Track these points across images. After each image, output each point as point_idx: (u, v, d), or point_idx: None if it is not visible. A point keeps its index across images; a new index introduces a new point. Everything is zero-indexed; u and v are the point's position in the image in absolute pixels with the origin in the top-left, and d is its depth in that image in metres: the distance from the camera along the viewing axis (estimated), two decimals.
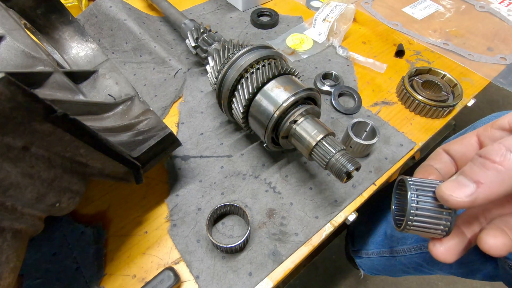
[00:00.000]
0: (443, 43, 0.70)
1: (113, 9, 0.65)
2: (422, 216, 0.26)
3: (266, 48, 0.46)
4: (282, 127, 0.41)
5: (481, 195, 0.22)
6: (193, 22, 0.61)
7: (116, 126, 0.40)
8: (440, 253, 0.27)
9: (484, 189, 0.22)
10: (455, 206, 0.24)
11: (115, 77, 0.47)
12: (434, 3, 0.81)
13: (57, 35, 0.51)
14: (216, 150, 0.51)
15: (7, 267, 0.25)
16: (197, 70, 0.62)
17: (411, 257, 0.62)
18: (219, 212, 0.42)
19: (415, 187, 0.27)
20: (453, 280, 1.15)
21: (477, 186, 0.22)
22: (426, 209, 0.26)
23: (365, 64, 0.65)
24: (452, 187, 0.23)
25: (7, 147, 0.23)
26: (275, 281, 0.39)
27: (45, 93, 0.39)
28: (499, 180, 0.21)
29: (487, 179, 0.22)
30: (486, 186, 0.22)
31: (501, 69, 0.64)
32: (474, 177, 0.22)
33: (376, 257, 0.73)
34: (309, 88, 0.41)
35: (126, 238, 0.42)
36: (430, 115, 0.56)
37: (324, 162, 0.37)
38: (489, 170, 0.22)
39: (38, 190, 0.26)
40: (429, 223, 0.26)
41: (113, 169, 0.34)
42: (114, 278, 0.39)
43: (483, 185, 0.22)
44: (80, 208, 0.44)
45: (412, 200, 0.26)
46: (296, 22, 0.75)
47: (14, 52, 0.39)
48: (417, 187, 0.27)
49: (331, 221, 0.44)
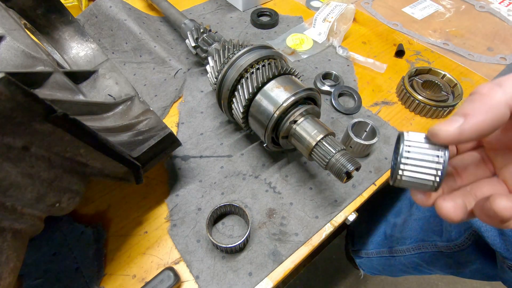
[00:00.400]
0: (443, 43, 0.70)
1: (113, 9, 0.65)
2: (413, 161, 0.26)
3: (266, 48, 0.46)
4: (282, 127, 0.41)
5: (467, 126, 0.22)
6: (193, 22, 0.61)
7: (116, 126, 0.40)
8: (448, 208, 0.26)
9: (470, 119, 0.22)
10: (444, 139, 0.24)
11: (115, 77, 0.47)
12: (434, 3, 0.81)
13: (57, 35, 0.51)
14: (216, 150, 0.51)
15: (7, 267, 0.25)
16: (197, 70, 0.62)
17: (411, 257, 0.62)
18: (219, 212, 0.42)
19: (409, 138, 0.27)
20: (453, 280, 1.15)
21: (465, 118, 0.22)
22: (418, 154, 0.26)
23: (365, 64, 0.65)
24: (443, 123, 0.24)
25: (7, 147, 0.23)
26: (275, 281, 0.39)
27: (45, 93, 0.39)
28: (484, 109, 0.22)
29: (474, 110, 0.22)
30: (473, 116, 0.22)
31: (501, 69, 0.64)
32: (462, 111, 0.23)
33: (376, 257, 0.73)
34: (309, 88, 0.41)
35: (126, 238, 0.42)
36: (430, 115, 0.56)
37: (324, 162, 0.37)
38: (476, 102, 0.22)
39: (38, 190, 0.26)
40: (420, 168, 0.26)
41: (113, 169, 0.34)
42: (114, 278, 0.39)
43: (470, 115, 0.22)
44: (80, 208, 0.44)
45: (404, 147, 0.26)
46: (296, 22, 0.75)
47: (14, 52, 0.39)
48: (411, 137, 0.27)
49: (331, 221, 0.44)
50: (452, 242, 0.52)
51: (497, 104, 0.21)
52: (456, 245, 0.52)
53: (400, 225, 0.64)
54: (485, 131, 0.22)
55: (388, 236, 0.68)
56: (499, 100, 0.21)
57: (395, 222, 0.66)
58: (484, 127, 0.22)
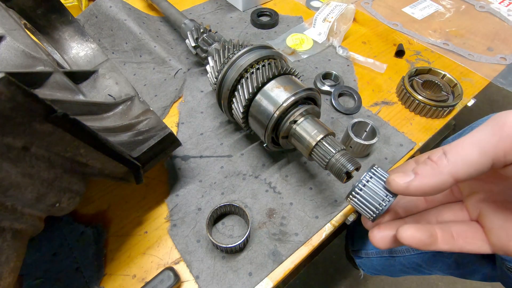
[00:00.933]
0: (443, 43, 0.70)
1: (113, 9, 0.65)
2: (365, 193, 0.31)
3: (266, 48, 0.46)
4: (282, 127, 0.41)
5: (414, 183, 0.26)
6: (193, 22, 0.61)
7: (116, 126, 0.40)
8: (376, 238, 0.31)
9: (418, 179, 0.26)
10: (393, 189, 0.28)
11: (115, 77, 0.47)
12: (434, 3, 0.81)
13: (57, 35, 0.51)
14: (216, 150, 0.51)
15: (7, 267, 0.25)
16: (197, 70, 0.62)
17: (410, 258, 0.62)
18: (219, 212, 0.42)
19: (373, 172, 0.31)
20: (453, 280, 1.15)
21: (415, 177, 0.26)
22: (371, 189, 0.31)
23: (365, 64, 0.65)
24: (399, 175, 0.28)
25: (7, 147, 0.23)
26: (275, 281, 0.39)
27: (45, 93, 0.39)
28: (430, 174, 0.25)
29: (422, 172, 0.26)
30: (420, 177, 0.26)
31: (501, 69, 0.64)
32: (415, 170, 0.27)
33: (376, 257, 0.73)
34: (309, 88, 0.41)
35: (126, 238, 0.42)
36: (430, 115, 0.56)
37: (324, 162, 0.37)
38: (427, 165, 0.26)
39: (38, 190, 0.26)
40: (367, 201, 0.31)
41: (113, 169, 0.34)
42: (114, 278, 0.39)
43: (418, 175, 0.26)
44: (80, 208, 0.44)
45: (363, 178, 0.31)
46: (296, 22, 0.75)
47: (14, 52, 0.39)
48: (375, 172, 0.31)
49: (331, 221, 0.44)
50: None
51: (439, 173, 0.25)
52: None
53: None
54: (427, 192, 0.26)
55: None
56: (442, 170, 0.25)
57: None
58: (427, 189, 0.26)
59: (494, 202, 0.29)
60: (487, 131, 0.24)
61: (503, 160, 0.23)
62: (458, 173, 0.24)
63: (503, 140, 0.23)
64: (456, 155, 0.25)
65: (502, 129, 0.23)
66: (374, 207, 0.30)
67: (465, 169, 0.24)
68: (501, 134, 0.23)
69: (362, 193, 0.31)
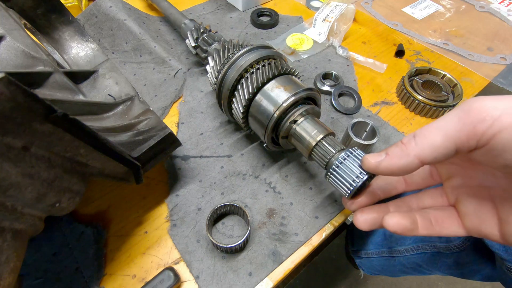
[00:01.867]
0: (443, 43, 0.70)
1: (113, 9, 0.65)
2: (341, 170, 0.33)
3: (266, 48, 0.46)
4: (282, 127, 0.41)
5: (383, 163, 0.28)
6: (193, 22, 0.61)
7: (116, 126, 0.40)
8: (360, 221, 0.33)
9: (387, 159, 0.28)
10: (366, 167, 0.31)
11: (115, 77, 0.47)
12: (434, 3, 0.81)
13: (57, 35, 0.51)
14: (216, 150, 0.51)
15: (7, 267, 0.25)
16: (197, 70, 0.62)
17: (410, 258, 0.62)
18: (219, 212, 0.42)
19: (350, 151, 0.34)
20: (453, 280, 1.16)
21: (385, 157, 0.28)
22: (347, 167, 0.33)
23: (365, 64, 0.65)
24: (372, 154, 0.30)
25: (7, 147, 0.23)
26: (275, 281, 0.39)
27: (45, 93, 0.39)
28: (399, 155, 0.27)
29: (392, 153, 0.28)
30: (389, 157, 0.28)
31: (501, 69, 0.64)
32: (387, 151, 0.28)
33: (375, 257, 0.73)
34: (309, 88, 0.41)
35: (126, 238, 0.42)
36: (430, 115, 0.56)
37: (324, 162, 0.37)
38: (397, 147, 0.27)
39: (38, 190, 0.26)
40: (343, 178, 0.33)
41: (113, 169, 0.34)
42: (114, 278, 0.39)
43: (388, 156, 0.28)
44: (80, 208, 0.44)
45: (341, 157, 0.34)
46: (296, 22, 0.75)
47: (14, 52, 0.39)
48: (352, 152, 0.34)
49: (331, 221, 0.44)
50: (451, 243, 0.52)
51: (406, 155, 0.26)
52: (455, 246, 0.52)
53: None
54: (395, 172, 0.28)
55: (387, 236, 0.67)
56: (409, 153, 0.26)
57: None
58: (394, 169, 0.28)
59: (470, 187, 0.30)
60: (453, 117, 0.25)
61: (467, 145, 0.24)
62: (423, 156, 0.26)
63: (467, 125, 0.23)
64: (423, 138, 0.26)
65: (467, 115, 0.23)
66: (348, 183, 0.33)
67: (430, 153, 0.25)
68: (465, 120, 0.23)
69: (338, 170, 0.34)
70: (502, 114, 0.22)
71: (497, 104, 0.22)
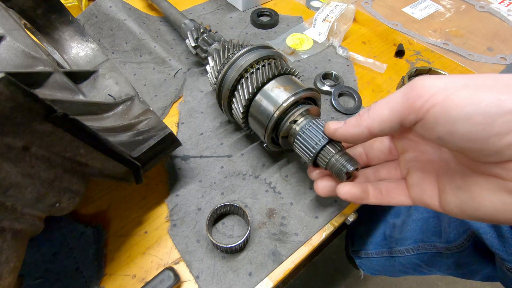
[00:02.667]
0: (443, 43, 0.70)
1: (113, 9, 0.65)
2: (305, 135, 0.37)
3: (266, 48, 0.46)
4: (282, 127, 0.41)
5: (339, 130, 0.32)
6: (193, 22, 0.61)
7: (116, 126, 0.40)
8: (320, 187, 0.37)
9: (344, 127, 0.31)
10: (326, 131, 0.34)
11: (115, 77, 0.47)
12: (434, 3, 0.81)
13: (57, 35, 0.51)
14: (216, 150, 0.51)
15: (7, 267, 0.25)
16: (197, 70, 0.62)
17: (410, 258, 0.62)
18: (219, 212, 0.42)
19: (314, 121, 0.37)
20: (453, 280, 1.16)
21: (343, 125, 0.32)
22: (310, 133, 0.36)
23: (365, 64, 0.65)
24: (334, 122, 0.33)
25: (7, 147, 0.23)
26: (275, 281, 0.39)
27: (45, 93, 0.39)
28: (353, 125, 0.30)
29: (349, 122, 0.31)
30: (346, 126, 0.31)
31: (501, 69, 0.64)
32: (346, 120, 0.32)
33: (375, 257, 0.73)
34: (309, 88, 0.41)
35: (126, 238, 0.42)
36: None
37: (324, 162, 0.37)
38: (354, 118, 0.30)
39: (38, 190, 0.26)
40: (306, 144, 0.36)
41: (113, 169, 0.34)
42: (114, 278, 0.39)
43: (345, 124, 0.31)
44: (80, 208, 0.44)
45: (305, 125, 0.37)
46: (296, 22, 0.75)
47: (14, 52, 0.39)
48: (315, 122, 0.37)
49: (331, 221, 0.44)
50: (451, 243, 0.52)
51: (359, 125, 0.30)
52: (455, 246, 0.52)
53: (399, 226, 0.64)
54: (348, 139, 0.32)
55: (387, 236, 0.68)
56: (362, 123, 0.29)
57: (394, 223, 0.66)
58: (348, 136, 0.31)
59: (420, 161, 0.33)
60: (400, 92, 0.27)
61: (408, 119, 0.26)
62: (372, 127, 0.29)
63: (408, 100, 0.25)
64: (374, 111, 0.28)
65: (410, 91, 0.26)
66: (311, 147, 0.36)
67: (378, 125, 0.28)
68: (408, 96, 0.26)
69: (303, 136, 0.37)
70: (438, 91, 0.24)
71: (436, 82, 0.24)
